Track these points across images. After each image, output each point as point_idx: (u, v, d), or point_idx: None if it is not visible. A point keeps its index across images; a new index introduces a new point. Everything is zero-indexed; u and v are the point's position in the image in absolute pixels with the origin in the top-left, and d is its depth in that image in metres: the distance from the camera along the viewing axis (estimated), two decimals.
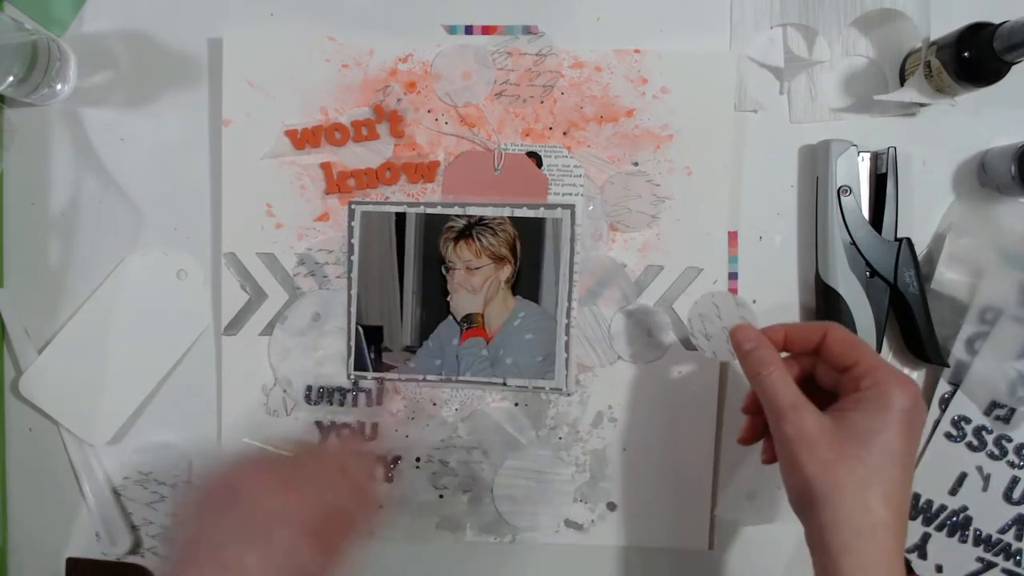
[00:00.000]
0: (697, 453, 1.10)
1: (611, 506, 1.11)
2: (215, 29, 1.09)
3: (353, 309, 1.09)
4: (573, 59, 1.09)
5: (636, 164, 1.09)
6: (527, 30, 1.09)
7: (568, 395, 1.10)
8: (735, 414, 1.09)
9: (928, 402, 1.10)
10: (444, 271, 1.08)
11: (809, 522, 0.83)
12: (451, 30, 1.10)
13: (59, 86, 1.08)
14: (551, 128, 1.09)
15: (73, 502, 1.11)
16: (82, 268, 1.11)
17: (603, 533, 1.11)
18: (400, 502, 1.11)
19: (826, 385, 0.90)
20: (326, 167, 1.09)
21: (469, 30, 1.10)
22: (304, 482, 0.88)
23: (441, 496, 1.11)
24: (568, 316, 1.08)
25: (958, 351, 1.08)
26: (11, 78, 1.00)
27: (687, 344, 1.10)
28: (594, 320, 1.09)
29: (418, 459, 1.10)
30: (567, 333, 1.09)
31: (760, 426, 0.94)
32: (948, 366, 1.08)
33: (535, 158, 1.09)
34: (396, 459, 1.10)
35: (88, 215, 1.11)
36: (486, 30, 1.10)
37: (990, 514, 1.09)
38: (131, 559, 1.12)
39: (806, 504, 0.82)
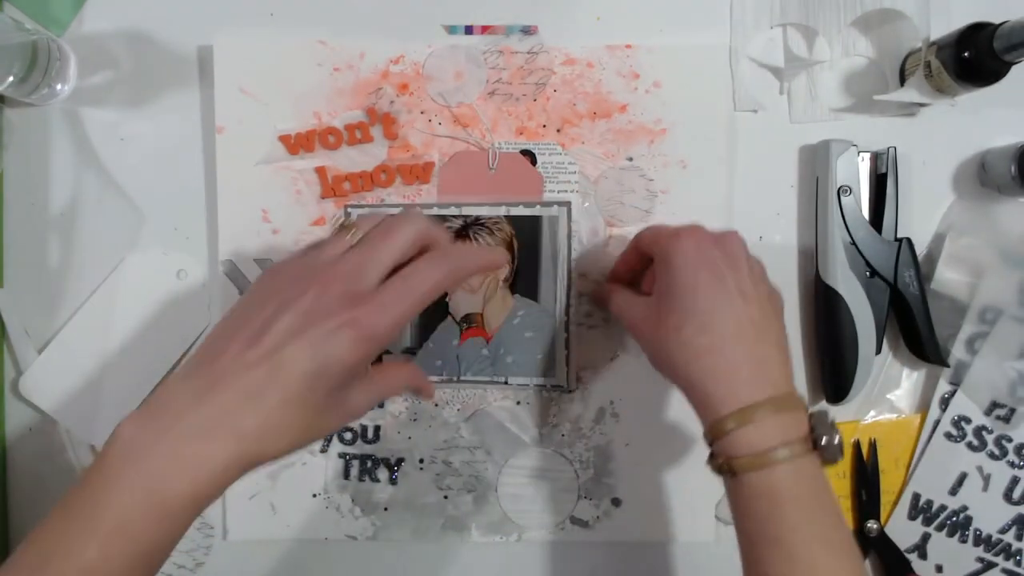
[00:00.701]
0: (700, 445, 1.08)
1: (616, 502, 1.11)
2: (214, 29, 1.09)
3: None
4: (565, 56, 1.09)
5: (630, 159, 1.09)
6: (527, 30, 1.09)
7: (570, 392, 1.10)
8: None
9: (928, 402, 1.10)
10: None
11: (670, 380, 0.92)
12: (451, 30, 1.10)
13: (59, 86, 1.08)
14: (545, 126, 1.09)
15: None
16: (82, 268, 1.11)
17: (609, 529, 1.11)
18: (405, 504, 1.10)
19: None
20: (321, 171, 1.09)
21: (469, 30, 1.10)
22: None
23: (446, 497, 1.11)
24: (567, 313, 1.09)
25: (958, 351, 1.08)
26: (11, 78, 1.00)
27: None
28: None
29: (421, 460, 1.10)
30: (567, 330, 1.09)
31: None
32: (948, 366, 1.08)
33: (529, 156, 1.09)
34: (399, 461, 1.10)
35: (88, 215, 1.10)
36: (485, 30, 1.10)
37: (990, 514, 1.09)
38: None
39: (660, 369, 0.93)
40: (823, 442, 0.83)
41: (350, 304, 0.78)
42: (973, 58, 0.98)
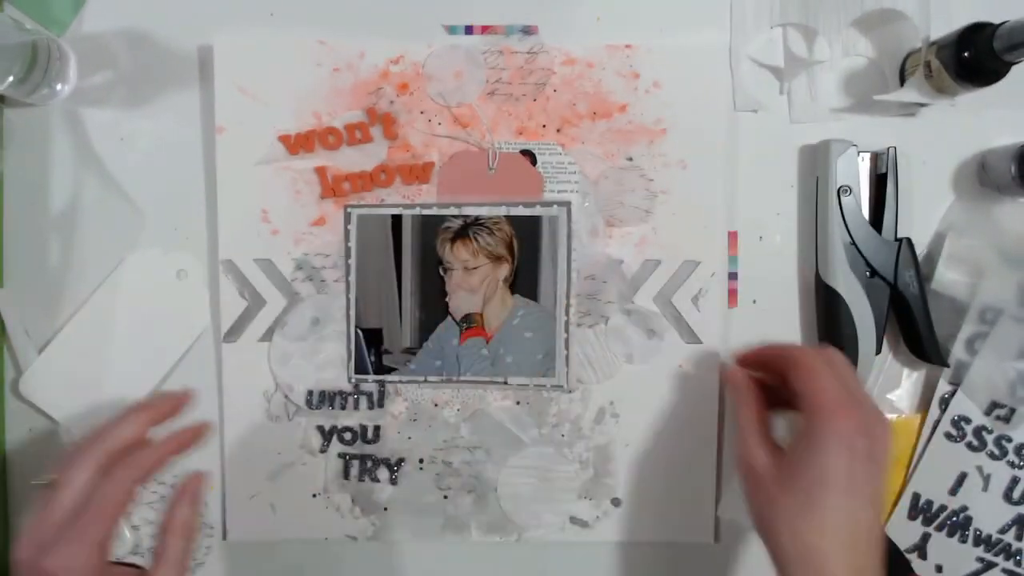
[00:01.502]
0: (700, 445, 1.10)
1: (616, 502, 1.11)
2: (214, 29, 1.09)
3: (352, 313, 1.09)
4: (565, 56, 1.09)
5: (630, 159, 1.09)
6: (527, 30, 1.09)
7: (569, 392, 1.10)
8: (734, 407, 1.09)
9: (928, 402, 1.10)
10: (442, 272, 1.08)
11: (765, 543, 0.88)
12: (451, 30, 1.10)
13: (59, 86, 1.08)
14: (544, 126, 1.09)
15: None
16: (82, 268, 1.11)
17: (608, 529, 1.11)
18: (405, 504, 1.11)
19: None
20: (320, 171, 1.08)
21: (469, 30, 1.10)
22: None
23: (445, 497, 1.11)
24: (567, 313, 1.08)
25: (958, 351, 1.08)
26: (11, 78, 1.00)
27: (687, 338, 1.10)
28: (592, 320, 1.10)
29: (421, 460, 1.10)
30: (566, 330, 1.09)
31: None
32: (948, 366, 1.08)
33: (529, 156, 1.09)
34: (400, 461, 1.10)
35: (88, 215, 1.11)
36: (485, 30, 1.10)
37: (990, 514, 1.09)
38: (131, 559, 1.11)
39: (758, 527, 0.89)
40: None
41: (37, 559, 0.83)
42: (973, 58, 0.98)
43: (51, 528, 0.84)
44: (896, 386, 1.11)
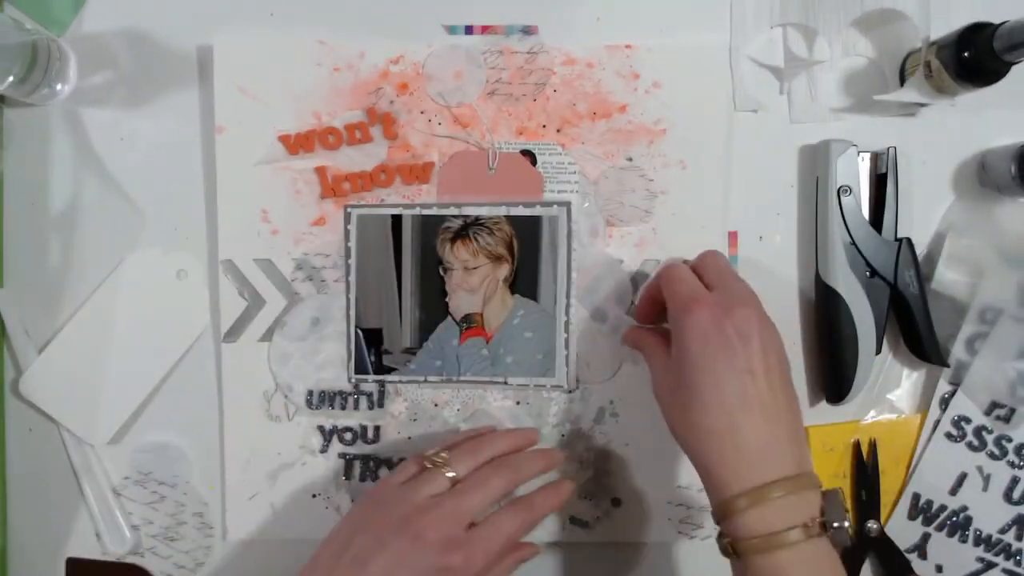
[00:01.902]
0: None
1: (616, 502, 1.11)
2: (214, 29, 1.09)
3: (352, 312, 1.09)
4: (565, 56, 1.09)
5: (630, 159, 1.09)
6: (527, 30, 1.09)
7: (569, 392, 1.10)
8: None
9: (928, 402, 1.10)
10: (442, 272, 1.08)
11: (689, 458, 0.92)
12: (451, 30, 1.10)
13: (59, 86, 1.08)
14: (544, 126, 1.09)
15: (73, 502, 1.11)
16: (82, 268, 1.11)
17: (609, 529, 1.11)
18: None
19: None
20: (320, 171, 1.08)
21: (469, 30, 1.10)
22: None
23: None
24: (567, 313, 1.08)
25: (958, 351, 1.08)
26: (11, 78, 1.00)
27: None
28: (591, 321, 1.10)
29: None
30: (566, 330, 1.09)
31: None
32: (948, 366, 1.08)
33: (529, 156, 1.09)
34: (400, 461, 1.10)
35: (88, 215, 1.11)
36: (485, 30, 1.10)
37: (990, 514, 1.09)
38: (131, 559, 1.11)
39: (673, 436, 0.94)
40: (834, 526, 0.84)
41: (444, 550, 0.89)
42: (973, 58, 0.98)
43: (460, 527, 0.92)
44: (896, 386, 1.11)
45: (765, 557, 0.82)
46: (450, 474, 0.95)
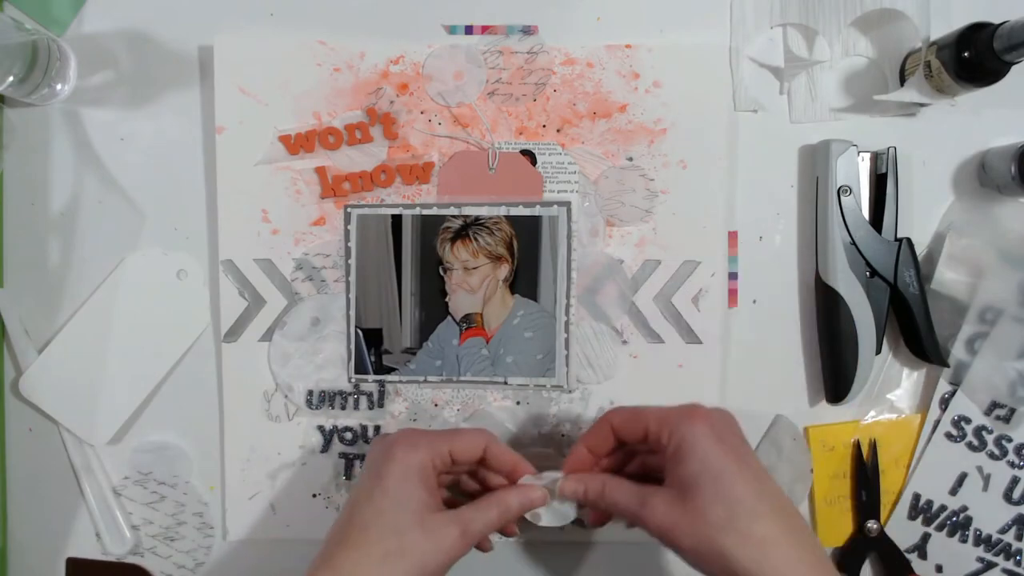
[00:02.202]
0: None
1: None
2: (214, 30, 1.09)
3: (352, 312, 1.09)
4: (565, 56, 1.09)
5: (631, 159, 1.09)
6: (527, 30, 1.09)
7: (569, 392, 1.10)
8: (736, 405, 1.08)
9: (928, 402, 1.10)
10: (442, 272, 1.08)
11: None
12: (451, 30, 1.10)
13: (59, 86, 1.08)
14: (544, 126, 1.09)
15: (73, 502, 1.11)
16: (82, 268, 1.11)
17: (608, 530, 1.10)
18: None
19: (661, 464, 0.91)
20: (321, 171, 1.09)
21: (469, 30, 1.10)
22: None
23: None
24: (567, 313, 1.08)
25: (958, 351, 1.08)
26: (11, 78, 1.00)
27: (687, 338, 1.10)
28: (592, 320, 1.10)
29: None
30: (566, 330, 1.09)
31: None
32: (948, 366, 1.08)
33: (529, 156, 1.09)
34: None
35: (88, 215, 1.11)
36: (485, 30, 1.10)
37: (990, 514, 1.09)
38: (131, 559, 1.12)
39: (707, 567, 0.85)
40: None
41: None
42: (973, 58, 0.98)
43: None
44: (896, 386, 1.11)
45: None
46: None
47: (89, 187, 1.11)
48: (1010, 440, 1.08)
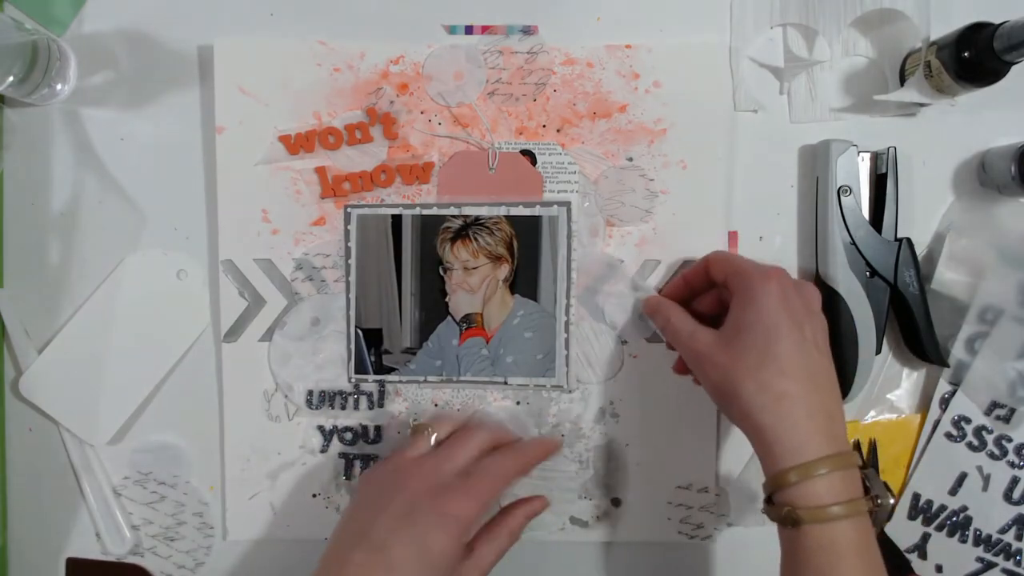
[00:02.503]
0: (699, 445, 1.10)
1: (616, 502, 1.11)
2: (215, 30, 1.09)
3: (352, 312, 1.09)
4: (565, 56, 1.09)
5: (631, 159, 1.09)
6: (527, 30, 1.09)
7: (569, 392, 1.10)
8: None
9: (928, 402, 1.10)
10: (442, 272, 1.08)
11: (732, 418, 0.93)
12: (451, 30, 1.10)
13: (59, 86, 1.08)
14: (544, 126, 1.09)
15: (73, 502, 1.11)
16: (82, 268, 1.11)
17: (608, 529, 1.11)
18: None
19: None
20: (321, 171, 1.08)
21: (469, 30, 1.10)
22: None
23: None
24: (567, 313, 1.08)
25: (958, 351, 1.08)
26: (11, 78, 1.00)
27: None
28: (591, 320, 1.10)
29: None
30: (566, 330, 1.09)
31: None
32: (948, 366, 1.08)
33: (529, 156, 1.09)
34: None
35: (88, 215, 1.11)
36: (485, 30, 1.09)
37: (990, 514, 1.09)
38: (131, 559, 1.12)
39: (723, 404, 0.94)
40: (878, 503, 0.88)
41: (437, 496, 0.93)
42: (973, 58, 0.98)
43: (448, 476, 0.96)
44: (896, 386, 1.11)
45: (820, 528, 0.84)
46: (433, 435, 1.02)
47: (89, 187, 1.10)
48: (1010, 440, 1.08)
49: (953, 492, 1.09)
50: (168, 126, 1.11)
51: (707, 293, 1.04)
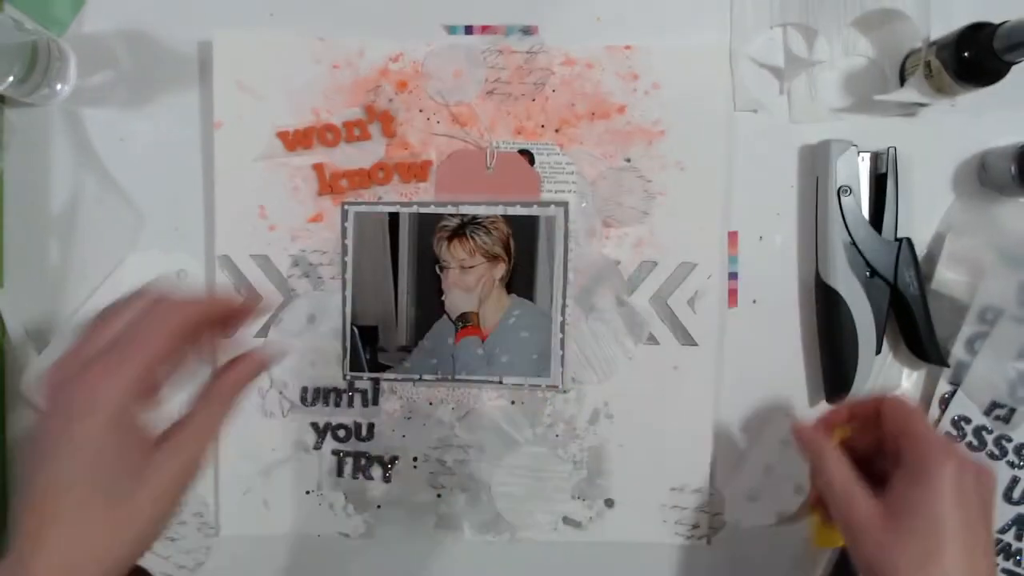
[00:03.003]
0: (694, 447, 1.10)
1: (609, 503, 1.11)
2: (214, 29, 1.09)
3: (348, 310, 1.09)
4: (564, 56, 1.09)
5: (628, 160, 1.09)
6: (527, 30, 1.09)
7: (564, 392, 1.10)
8: (730, 408, 1.10)
9: (928, 402, 1.10)
10: (438, 270, 1.08)
11: None
12: (451, 30, 1.10)
13: (59, 86, 1.08)
14: (543, 126, 1.09)
15: None
16: (82, 268, 1.11)
17: (601, 530, 1.11)
18: (398, 502, 1.11)
19: (892, 455, 0.89)
20: (318, 168, 1.09)
21: (469, 30, 1.10)
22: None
23: (439, 495, 1.11)
24: (563, 313, 1.08)
25: (958, 351, 1.08)
26: (11, 78, 1.00)
27: (682, 340, 1.10)
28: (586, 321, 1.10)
29: (415, 459, 1.10)
30: (562, 330, 1.09)
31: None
32: (948, 366, 1.07)
33: (527, 156, 1.09)
34: (393, 459, 1.11)
35: (88, 215, 1.11)
36: (485, 30, 1.10)
37: None
38: None
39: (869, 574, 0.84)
40: None
41: (68, 383, 0.74)
42: (973, 58, 0.98)
43: (85, 356, 0.75)
44: (896, 386, 1.11)
45: None
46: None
47: (89, 187, 1.11)
48: (1010, 440, 1.08)
49: None
50: (168, 126, 1.11)
51: (867, 431, 0.95)
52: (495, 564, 1.11)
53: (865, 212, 1.06)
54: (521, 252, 1.08)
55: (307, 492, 1.11)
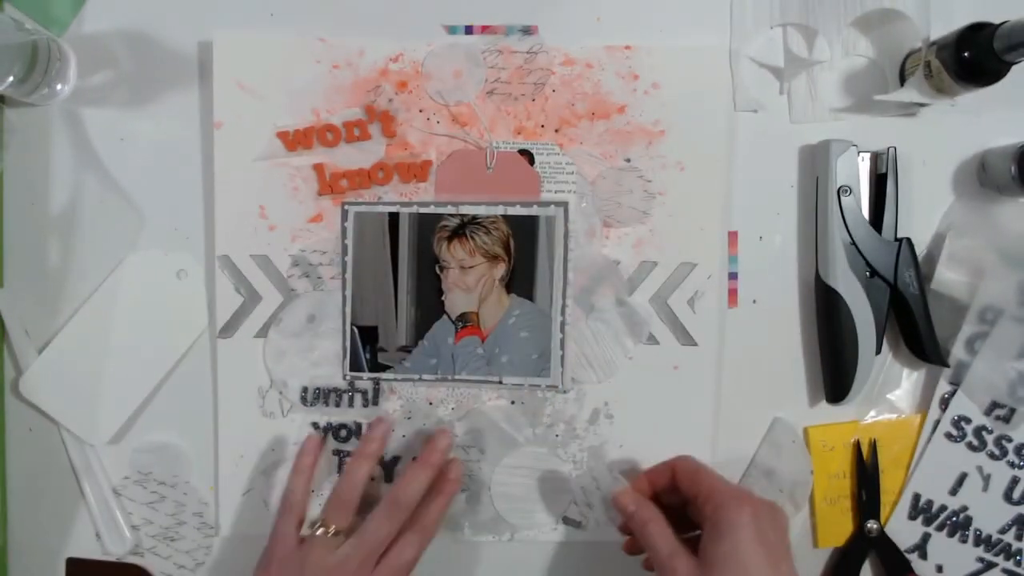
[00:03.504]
0: (694, 447, 1.08)
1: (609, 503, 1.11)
2: (214, 29, 1.09)
3: (348, 310, 1.09)
4: (564, 56, 1.09)
5: (628, 160, 1.09)
6: (527, 30, 1.09)
7: (564, 392, 1.10)
8: (731, 408, 1.10)
9: (928, 402, 1.10)
10: (438, 270, 1.08)
11: None
12: (451, 30, 1.10)
13: (59, 86, 1.08)
14: (543, 126, 1.09)
15: (73, 502, 1.12)
16: (82, 268, 1.11)
17: (601, 530, 1.11)
18: None
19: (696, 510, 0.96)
20: (318, 168, 1.09)
21: (469, 30, 1.10)
22: None
23: None
24: (563, 313, 1.08)
25: (958, 351, 1.08)
26: (11, 78, 1.00)
27: (682, 340, 1.10)
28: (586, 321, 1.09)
29: (415, 459, 1.10)
30: (562, 330, 1.09)
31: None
32: (948, 366, 1.08)
33: (527, 156, 1.09)
34: (394, 459, 1.11)
35: (88, 215, 1.11)
36: (485, 30, 1.10)
37: (990, 514, 1.09)
38: (131, 559, 1.12)
39: None
40: None
41: None
42: (973, 58, 0.98)
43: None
44: (896, 386, 1.11)
45: None
46: (332, 530, 1.00)
47: (89, 187, 1.11)
48: (1010, 440, 1.08)
49: (953, 492, 1.09)
50: (168, 126, 1.11)
51: (673, 493, 1.01)
52: (495, 564, 1.11)
53: (865, 212, 1.06)
54: (521, 252, 1.08)
55: None
